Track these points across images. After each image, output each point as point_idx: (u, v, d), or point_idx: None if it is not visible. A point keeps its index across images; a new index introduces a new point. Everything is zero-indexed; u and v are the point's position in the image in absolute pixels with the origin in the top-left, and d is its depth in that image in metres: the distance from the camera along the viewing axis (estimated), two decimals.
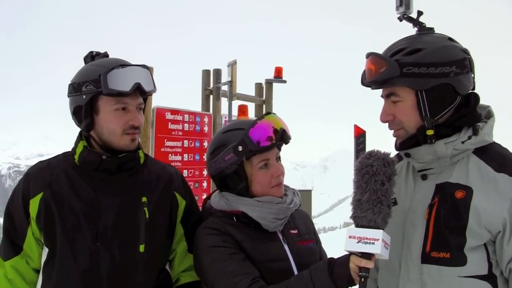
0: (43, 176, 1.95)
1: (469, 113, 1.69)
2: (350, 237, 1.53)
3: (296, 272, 1.87)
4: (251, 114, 6.57)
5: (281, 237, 1.96)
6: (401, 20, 1.82)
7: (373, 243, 1.50)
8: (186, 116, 5.94)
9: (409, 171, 1.83)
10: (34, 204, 1.90)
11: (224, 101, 6.37)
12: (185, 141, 5.92)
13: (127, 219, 1.92)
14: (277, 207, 1.91)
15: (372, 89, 1.76)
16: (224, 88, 6.29)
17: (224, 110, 6.43)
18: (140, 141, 2.06)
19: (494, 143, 1.71)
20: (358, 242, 1.52)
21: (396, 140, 1.79)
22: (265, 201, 1.92)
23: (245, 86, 6.55)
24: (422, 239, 1.67)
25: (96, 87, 1.85)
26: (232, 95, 6.02)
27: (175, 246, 2.13)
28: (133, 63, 1.95)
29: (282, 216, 1.94)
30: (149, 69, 1.96)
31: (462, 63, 1.64)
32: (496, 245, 1.59)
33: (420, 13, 1.78)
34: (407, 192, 1.79)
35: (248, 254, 1.85)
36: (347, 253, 1.60)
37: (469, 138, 1.65)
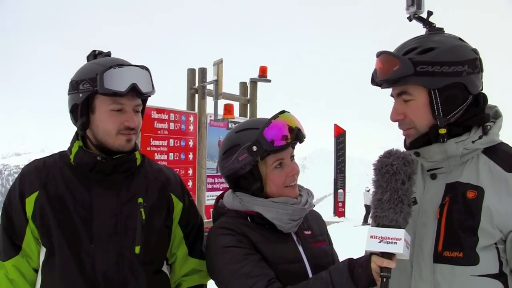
0: (38, 175, 1.92)
1: (478, 113, 1.70)
2: (371, 237, 1.52)
3: (310, 274, 1.85)
4: (236, 114, 6.56)
5: (295, 238, 1.93)
6: (410, 20, 1.82)
7: (395, 243, 1.49)
8: (172, 115, 5.91)
9: (418, 171, 1.81)
10: (29, 203, 1.88)
11: (209, 100, 6.35)
12: (171, 140, 5.89)
13: (123, 221, 1.89)
14: (292, 208, 1.89)
15: (382, 88, 1.76)
16: (209, 87, 6.26)
17: (209, 109, 6.41)
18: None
19: (502, 143, 1.72)
20: (380, 242, 1.50)
21: (406, 139, 1.79)
22: (281, 202, 1.89)
23: (229, 85, 6.55)
24: (433, 238, 1.67)
25: (92, 86, 1.82)
26: (218, 94, 5.99)
27: (174, 250, 2.11)
28: (132, 64, 1.91)
29: (297, 217, 1.91)
30: (148, 70, 1.92)
31: (474, 62, 1.66)
32: (506, 244, 1.60)
33: (430, 13, 1.78)
34: (417, 191, 1.76)
35: (263, 255, 1.81)
36: (367, 253, 1.59)
37: (480, 138, 1.66)
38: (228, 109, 6.11)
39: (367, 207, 24.92)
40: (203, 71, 6.30)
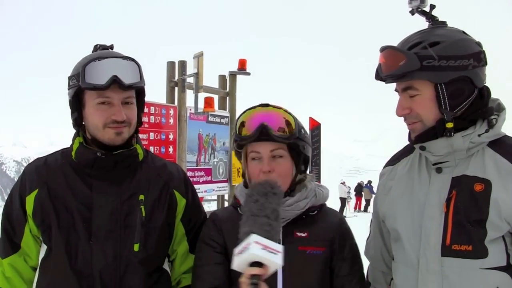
0: (39, 173, 1.90)
1: (483, 106, 1.69)
2: (256, 242, 1.56)
3: (280, 277, 1.81)
4: (215, 107, 6.55)
5: (280, 238, 1.84)
6: (413, 14, 1.79)
7: (276, 254, 1.55)
8: (152, 108, 5.86)
9: (422, 164, 1.82)
10: (30, 201, 1.86)
11: (189, 93, 6.32)
12: (151, 134, 5.84)
13: (122, 218, 1.86)
14: None
15: (386, 83, 1.74)
16: (189, 80, 6.23)
17: (189, 102, 6.38)
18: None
19: (506, 135, 1.73)
20: (263, 249, 1.55)
21: (411, 133, 1.78)
22: None
23: (207, 78, 6.53)
24: (441, 232, 1.67)
25: (78, 81, 1.79)
26: (198, 87, 5.97)
27: (176, 247, 2.08)
28: (121, 55, 1.86)
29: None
30: (133, 60, 1.85)
31: (479, 56, 1.65)
32: None
33: (432, 6, 1.76)
34: (422, 185, 1.77)
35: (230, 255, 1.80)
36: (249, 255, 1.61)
37: (486, 131, 1.66)
38: (209, 102, 6.10)
39: (342, 199, 25.24)
40: (183, 64, 6.25)
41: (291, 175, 1.92)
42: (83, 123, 1.90)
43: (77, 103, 1.85)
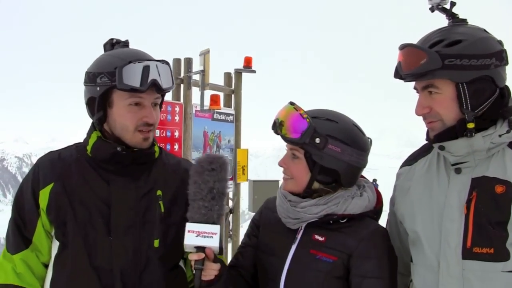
0: (53, 166, 1.87)
1: (504, 105, 1.66)
2: (189, 231, 1.66)
3: (284, 274, 1.83)
4: (221, 104, 6.53)
5: (298, 237, 1.87)
6: (433, 11, 1.75)
7: (212, 237, 1.65)
8: None
9: (441, 164, 1.79)
10: (44, 195, 1.83)
11: (194, 91, 6.30)
12: (157, 131, 5.81)
13: (141, 213, 1.85)
14: (288, 204, 1.88)
15: (405, 81, 1.71)
16: (195, 77, 6.21)
17: (194, 99, 6.36)
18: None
19: None
20: (197, 236, 1.65)
21: (429, 131, 1.75)
22: (282, 194, 1.92)
23: (213, 76, 6.52)
24: (461, 234, 1.64)
25: (110, 80, 1.77)
26: (204, 85, 5.94)
27: None
28: (152, 57, 1.87)
29: (293, 216, 1.87)
30: (168, 64, 1.87)
31: (501, 55, 1.62)
32: None
33: (453, 3, 1.73)
34: (441, 186, 1.74)
35: (259, 238, 2.02)
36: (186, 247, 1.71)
37: (508, 132, 1.62)
38: (215, 99, 6.08)
39: None
40: (188, 61, 6.22)
41: (304, 179, 1.88)
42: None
43: (103, 102, 1.84)
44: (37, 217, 1.85)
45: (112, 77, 1.77)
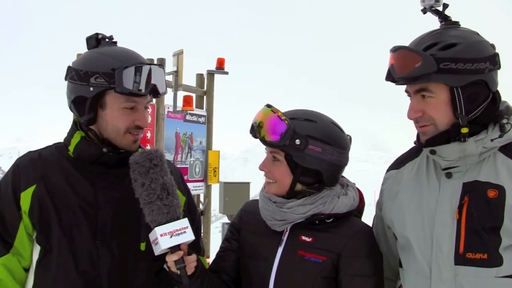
0: (35, 167, 1.79)
1: (495, 110, 1.65)
2: (161, 235, 1.62)
3: (273, 277, 1.80)
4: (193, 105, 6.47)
5: (284, 239, 1.84)
6: (425, 13, 1.72)
7: (185, 232, 1.65)
8: None
9: (430, 169, 1.76)
10: (25, 198, 1.74)
11: (167, 91, 6.20)
12: None
13: (127, 215, 1.80)
14: (273, 206, 1.84)
15: (397, 84, 1.68)
16: (168, 78, 6.11)
17: (167, 100, 6.26)
18: None
19: None
20: (171, 237, 1.62)
21: (421, 135, 1.72)
22: (266, 197, 1.89)
23: (185, 77, 6.44)
24: (454, 239, 1.62)
25: (108, 82, 1.70)
26: (177, 86, 5.86)
27: None
28: (145, 59, 1.83)
29: (279, 217, 1.83)
30: (163, 68, 1.85)
31: (494, 59, 1.61)
32: None
33: (446, 6, 1.70)
34: (431, 190, 1.72)
35: (241, 243, 1.97)
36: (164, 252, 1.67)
37: (500, 136, 1.61)
38: (188, 100, 6.00)
39: None
40: (161, 62, 6.13)
41: (287, 182, 1.85)
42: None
43: (95, 103, 1.77)
44: (19, 220, 1.77)
45: (110, 79, 1.71)
